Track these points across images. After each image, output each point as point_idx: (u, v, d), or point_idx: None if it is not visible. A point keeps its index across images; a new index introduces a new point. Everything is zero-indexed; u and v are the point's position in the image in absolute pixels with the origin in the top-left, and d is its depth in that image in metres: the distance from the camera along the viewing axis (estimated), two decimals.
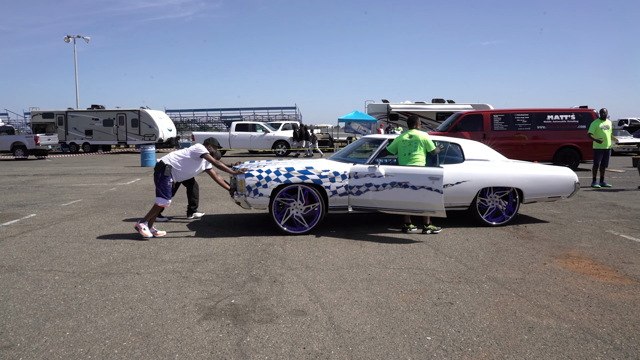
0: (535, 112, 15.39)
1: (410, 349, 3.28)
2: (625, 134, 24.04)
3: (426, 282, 4.63)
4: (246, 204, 6.54)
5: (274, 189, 6.51)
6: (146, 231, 6.40)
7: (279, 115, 44.11)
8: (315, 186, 6.62)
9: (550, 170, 7.48)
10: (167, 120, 31.17)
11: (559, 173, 7.46)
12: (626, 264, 5.21)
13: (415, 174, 6.34)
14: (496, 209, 7.28)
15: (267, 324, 3.68)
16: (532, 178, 7.28)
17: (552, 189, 7.40)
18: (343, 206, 6.72)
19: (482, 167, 7.18)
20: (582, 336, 3.46)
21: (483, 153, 7.44)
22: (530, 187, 7.26)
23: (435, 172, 6.29)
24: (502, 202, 7.30)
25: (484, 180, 7.08)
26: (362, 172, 6.60)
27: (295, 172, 6.55)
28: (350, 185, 6.62)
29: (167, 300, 4.18)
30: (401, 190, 6.38)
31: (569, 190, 7.46)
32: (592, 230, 6.83)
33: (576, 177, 7.52)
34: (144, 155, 18.93)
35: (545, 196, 7.42)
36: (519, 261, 5.35)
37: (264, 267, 5.13)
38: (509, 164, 7.41)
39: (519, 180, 7.20)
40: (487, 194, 7.23)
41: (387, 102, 30.16)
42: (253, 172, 6.50)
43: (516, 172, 7.24)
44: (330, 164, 6.81)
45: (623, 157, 21.36)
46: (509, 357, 3.16)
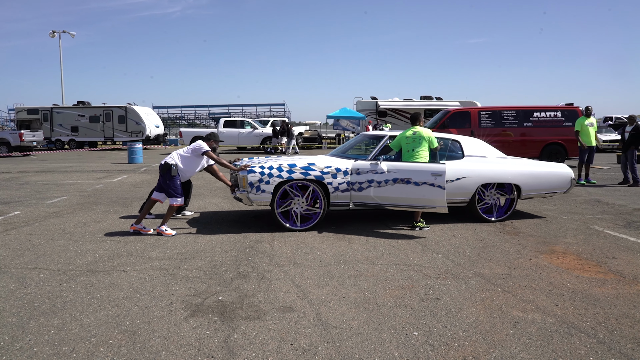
0: (522, 110, 15.52)
1: (397, 344, 3.30)
2: (610, 132, 24.36)
3: (413, 278, 4.65)
4: (248, 200, 6.53)
5: (276, 185, 6.51)
6: (169, 230, 6.42)
7: (268, 112, 43.97)
8: (317, 182, 6.63)
9: (547, 166, 7.60)
10: (154, 117, 30.94)
11: (556, 169, 7.56)
12: (610, 259, 5.28)
13: (417, 170, 6.38)
14: (494, 205, 7.36)
15: (255, 321, 3.68)
16: (530, 174, 7.38)
17: (549, 185, 7.49)
18: (344, 202, 6.74)
19: (481, 163, 7.27)
20: (566, 330, 3.51)
21: (482, 150, 7.54)
22: (528, 183, 7.35)
23: (438, 168, 6.33)
24: (500, 198, 7.39)
25: (483, 177, 7.16)
26: (364, 169, 6.63)
27: (297, 169, 6.55)
28: (352, 181, 6.65)
29: (153, 297, 4.16)
30: (403, 186, 6.42)
31: (565, 186, 7.57)
32: (577, 226, 6.91)
33: (572, 173, 7.63)
34: (131, 152, 18.77)
35: (542, 192, 7.51)
36: (505, 257, 5.39)
37: (252, 264, 5.12)
38: (507, 161, 7.51)
39: (517, 177, 7.30)
40: (486, 190, 7.32)
41: (375, 99, 30.20)
42: (255, 169, 6.49)
43: (514, 169, 7.34)
44: (332, 160, 6.85)
45: (608, 154, 21.64)
46: (495, 352, 3.19)
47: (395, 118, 29.27)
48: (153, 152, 26.34)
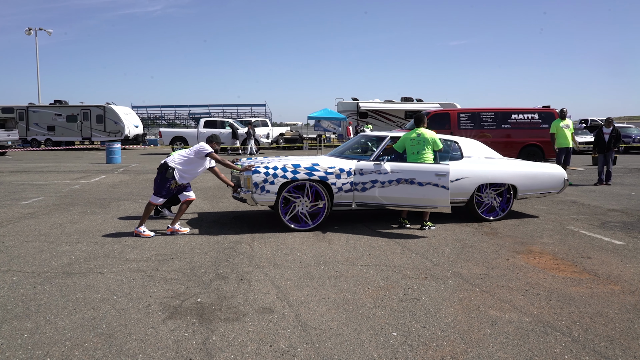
0: (500, 112, 15.72)
1: (376, 344, 3.31)
2: (585, 133, 24.84)
3: (393, 279, 4.68)
4: (252, 200, 6.52)
5: (280, 186, 6.50)
6: (147, 232, 6.35)
7: (249, 112, 43.74)
8: (321, 183, 6.65)
9: (542, 167, 7.81)
10: (133, 117, 30.55)
11: (550, 170, 7.77)
12: (585, 259, 5.38)
13: (421, 171, 6.47)
14: (491, 205, 7.50)
15: (234, 323, 3.65)
16: (526, 175, 7.56)
17: (544, 185, 7.69)
18: (347, 202, 6.80)
19: (480, 164, 7.42)
20: (542, 329, 3.56)
21: (480, 150, 7.71)
22: (524, 183, 7.53)
23: (442, 169, 6.42)
24: (497, 198, 7.53)
25: (481, 177, 7.31)
26: (368, 169, 6.69)
27: (301, 169, 6.57)
28: (355, 181, 6.71)
29: (131, 299, 4.10)
30: (407, 186, 6.50)
31: (558, 187, 7.78)
32: (553, 227, 7.03)
33: (565, 174, 7.84)
34: (109, 152, 18.50)
35: (537, 192, 7.70)
36: (483, 257, 5.46)
37: (231, 265, 5.08)
38: (503, 161, 7.68)
39: (513, 177, 7.47)
40: (484, 190, 7.44)
41: (356, 100, 30.30)
42: (260, 169, 6.48)
43: (511, 169, 7.52)
44: (335, 161, 6.91)
45: (583, 156, 22.08)
46: (472, 351, 3.22)
47: (376, 119, 29.41)
48: (132, 152, 26.00)
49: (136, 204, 8.82)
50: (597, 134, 12.35)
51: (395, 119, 29.17)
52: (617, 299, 4.17)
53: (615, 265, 5.14)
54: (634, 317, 3.79)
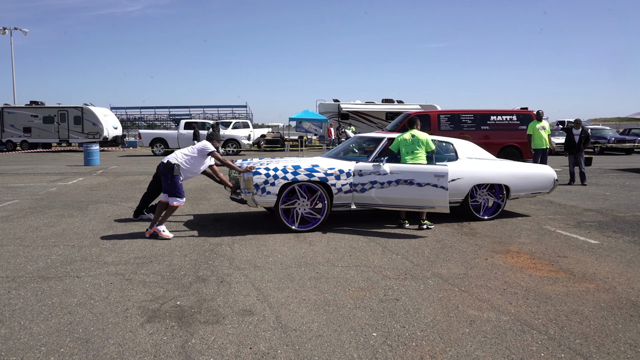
0: (479, 113, 15.92)
1: (356, 345, 3.32)
2: (562, 135, 25.29)
3: (373, 279, 4.70)
4: (253, 202, 6.51)
5: (281, 187, 6.50)
6: (166, 232, 6.29)
7: (230, 114, 43.50)
8: (321, 184, 6.68)
9: (534, 168, 8.03)
10: (112, 118, 30.14)
11: (541, 171, 7.99)
12: (561, 258, 5.48)
13: (420, 172, 6.56)
14: (485, 204, 7.68)
15: (213, 325, 3.63)
16: (518, 175, 7.75)
17: (535, 186, 7.89)
18: (347, 203, 6.86)
19: (474, 165, 7.56)
20: (519, 328, 3.61)
21: (474, 152, 7.86)
22: (517, 183, 7.72)
23: (441, 169, 6.52)
24: (490, 198, 7.70)
25: (476, 178, 7.47)
26: (367, 170, 6.75)
27: (302, 170, 6.59)
28: (354, 182, 6.76)
29: (108, 303, 4.04)
30: (406, 187, 6.58)
31: (549, 187, 7.99)
32: (530, 227, 7.14)
33: (555, 175, 8.05)
34: (87, 154, 18.22)
35: (529, 192, 7.90)
36: (462, 257, 5.52)
37: (211, 268, 5.05)
38: (496, 162, 7.86)
39: (506, 178, 7.64)
40: (478, 190, 7.59)
41: (337, 102, 30.39)
42: (261, 170, 6.48)
43: (504, 170, 7.71)
44: (334, 162, 6.97)
45: (561, 157, 22.47)
46: (451, 351, 3.25)
47: (357, 120, 29.53)
48: (111, 154, 25.66)
49: (115, 207, 8.71)
50: (567, 136, 12.61)
51: (376, 120, 29.32)
52: (592, 297, 4.25)
53: (591, 264, 5.24)
54: (607, 314, 3.87)
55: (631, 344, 3.36)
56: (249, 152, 25.19)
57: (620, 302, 4.13)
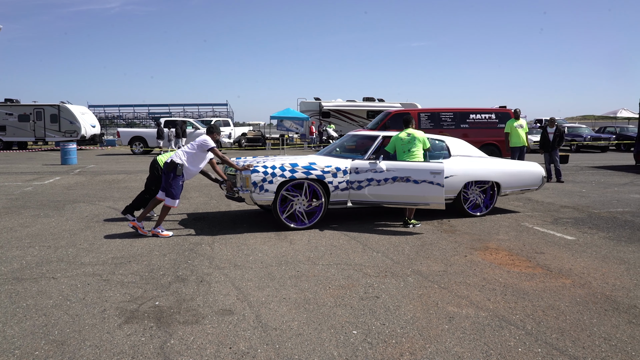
0: (459, 112, 16.08)
1: (336, 343, 3.32)
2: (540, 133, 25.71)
3: (354, 277, 4.71)
4: (251, 200, 6.51)
5: (279, 185, 6.49)
6: (165, 232, 6.32)
7: (210, 112, 43.17)
8: (318, 181, 6.69)
9: (523, 165, 8.29)
10: (90, 116, 29.64)
11: (530, 168, 8.24)
12: (538, 254, 5.57)
13: (417, 169, 6.64)
14: (476, 201, 7.81)
15: (193, 325, 3.59)
16: (509, 172, 7.95)
17: (524, 182, 8.12)
18: (343, 201, 6.90)
19: (466, 162, 7.70)
20: (497, 323, 3.66)
21: (466, 149, 7.99)
22: (507, 180, 7.91)
23: (437, 167, 6.62)
24: (481, 194, 7.84)
25: (468, 175, 7.62)
26: (363, 168, 6.81)
27: (299, 168, 6.62)
28: (351, 180, 6.81)
29: (85, 305, 3.97)
30: (403, 184, 6.66)
31: (537, 184, 8.23)
32: (509, 224, 7.24)
33: (543, 172, 8.28)
34: (64, 153, 17.89)
35: (518, 189, 8.12)
36: (442, 254, 5.56)
37: (191, 267, 5.01)
38: (488, 160, 8.04)
39: (497, 175, 7.82)
40: (469, 187, 7.72)
41: (319, 100, 30.39)
42: (259, 168, 6.47)
43: (495, 167, 7.90)
44: (331, 160, 7.01)
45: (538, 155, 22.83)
46: (430, 347, 3.28)
47: (339, 119, 29.56)
48: (89, 152, 25.24)
49: (92, 206, 8.57)
50: (542, 134, 12.83)
51: (357, 119, 29.40)
52: (568, 292, 4.33)
53: (567, 260, 5.34)
54: (583, 309, 3.94)
55: (605, 337, 3.43)
56: (229, 151, 25.01)
57: (595, 297, 4.21)
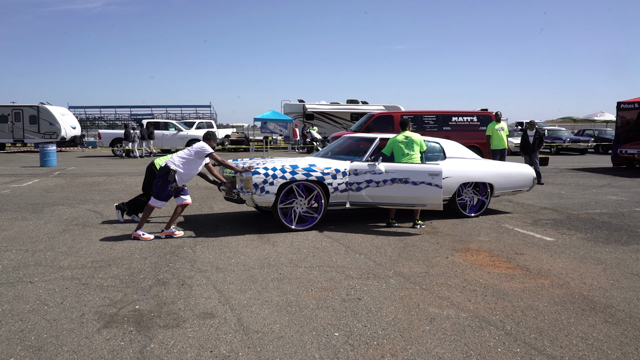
0: (441, 114, 16.23)
1: (318, 345, 3.32)
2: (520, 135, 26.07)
3: (336, 279, 4.71)
4: (252, 202, 6.54)
5: (279, 186, 6.53)
6: (146, 235, 6.27)
7: (193, 114, 42.87)
8: (318, 183, 6.73)
9: (514, 167, 8.44)
10: (70, 117, 29.20)
11: (521, 170, 8.43)
12: (518, 255, 5.64)
13: (415, 171, 6.74)
14: (470, 202, 7.98)
15: (173, 329, 3.56)
16: (501, 174, 8.13)
17: (516, 184, 8.30)
18: (342, 202, 6.98)
19: (461, 164, 7.84)
20: (477, 324, 3.70)
21: (460, 152, 8.13)
22: (500, 182, 8.10)
23: (435, 169, 6.73)
24: (475, 196, 7.98)
25: (463, 176, 7.76)
26: (362, 169, 6.89)
27: (299, 170, 6.68)
28: (350, 181, 6.89)
29: (63, 309, 3.91)
30: (401, 186, 6.76)
31: (528, 185, 8.41)
32: (490, 225, 7.32)
33: (534, 173, 8.47)
34: (44, 155, 17.59)
35: (511, 190, 8.31)
36: (423, 256, 5.60)
37: (172, 270, 4.96)
38: (481, 162, 8.20)
39: (491, 176, 7.99)
40: (464, 188, 7.85)
41: (303, 102, 30.37)
42: (260, 170, 6.50)
43: (489, 169, 8.07)
44: (330, 162, 7.06)
45: (518, 157, 23.13)
46: (412, 348, 3.30)
47: (322, 121, 29.59)
48: (69, 154, 24.87)
49: (72, 209, 8.44)
50: (522, 137, 13.01)
51: (341, 121, 29.46)
52: (547, 293, 4.39)
53: (546, 261, 5.41)
54: (561, 309, 4.00)
55: (582, 337, 3.48)
56: None
57: (573, 297, 4.28)
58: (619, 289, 4.49)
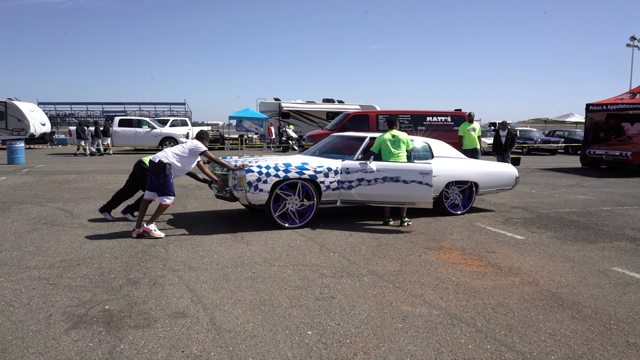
0: (416, 114, 16.41)
1: (291, 344, 3.31)
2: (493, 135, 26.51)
3: (310, 278, 4.71)
4: (245, 200, 6.52)
5: (273, 184, 6.55)
6: (157, 232, 6.24)
7: (167, 111, 42.30)
8: (310, 181, 6.78)
9: (499, 166, 8.73)
10: (40, 114, 28.47)
11: (505, 169, 8.69)
12: (490, 253, 5.73)
13: (407, 170, 6.83)
14: (455, 201, 8.13)
15: (144, 329, 3.51)
16: (486, 173, 8.33)
17: (500, 182, 8.56)
18: (333, 200, 7.02)
19: (448, 163, 7.98)
20: (449, 321, 3.74)
21: (447, 151, 8.28)
22: (485, 181, 8.30)
23: (426, 167, 6.84)
24: (460, 194, 8.15)
25: (450, 175, 7.91)
26: (354, 168, 6.94)
27: (292, 168, 6.70)
28: (342, 180, 6.96)
29: (29, 310, 3.81)
30: (392, 184, 6.84)
31: (511, 184, 8.68)
32: (462, 224, 7.42)
33: (517, 172, 8.70)
34: (11, 152, 17.10)
35: (494, 189, 8.53)
36: (397, 254, 5.64)
37: (144, 270, 4.88)
38: (467, 161, 8.40)
39: (476, 175, 8.20)
40: (450, 187, 7.99)
41: (278, 101, 30.29)
42: (253, 168, 6.49)
43: (474, 168, 8.27)
44: (322, 160, 7.10)
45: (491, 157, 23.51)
46: (384, 346, 3.32)
47: (298, 120, 29.56)
48: (38, 152, 24.25)
49: (41, 207, 8.23)
50: (495, 137, 13.25)
51: (317, 120, 29.48)
52: (517, 290, 4.47)
53: (516, 259, 5.52)
54: (530, 306, 4.08)
55: (550, 333, 3.56)
56: None
57: (542, 294, 4.37)
58: (585, 286, 4.61)
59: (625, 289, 4.56)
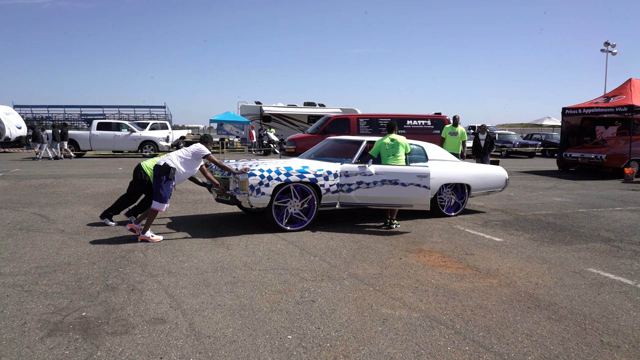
0: (396, 117, 16.52)
1: (271, 349, 3.30)
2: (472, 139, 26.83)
3: (290, 282, 4.70)
4: (247, 203, 6.53)
5: (274, 188, 6.61)
6: (154, 237, 6.24)
7: (147, 115, 41.85)
8: (311, 184, 6.88)
9: (490, 169, 8.99)
10: (15, 117, 27.95)
11: (495, 171, 8.94)
12: (468, 256, 5.80)
13: (405, 173, 7.01)
14: (449, 202, 8.31)
15: (122, 336, 3.46)
16: (478, 175, 8.55)
17: (491, 184, 8.78)
18: (333, 203, 7.08)
19: (442, 166, 8.14)
20: (428, 323, 3.77)
21: (440, 154, 8.45)
22: (477, 183, 8.53)
23: (423, 170, 6.99)
24: (453, 196, 8.32)
25: (443, 178, 8.11)
26: (353, 171, 7.06)
27: (293, 172, 6.76)
28: (341, 183, 7.04)
29: (3, 318, 3.73)
30: (391, 187, 6.99)
31: (501, 186, 8.94)
32: (442, 226, 7.49)
33: (507, 174, 8.93)
34: None
35: (486, 190, 8.72)
36: (377, 257, 5.67)
37: (122, 275, 4.82)
38: (459, 164, 8.57)
39: (469, 177, 8.43)
40: (444, 189, 8.16)
41: (260, 104, 30.22)
42: (255, 172, 6.53)
43: (467, 170, 8.49)
44: (322, 164, 7.14)
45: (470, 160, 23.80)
46: (364, 349, 3.33)
47: (279, 123, 29.53)
48: (13, 155, 23.76)
49: (16, 213, 8.07)
50: (474, 140, 13.44)
51: (298, 123, 29.48)
52: (495, 292, 4.53)
53: (495, 261, 5.59)
54: (508, 307, 4.14)
55: (527, 334, 3.62)
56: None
57: (519, 296, 4.44)
58: (562, 287, 4.69)
59: (599, 289, 4.66)
